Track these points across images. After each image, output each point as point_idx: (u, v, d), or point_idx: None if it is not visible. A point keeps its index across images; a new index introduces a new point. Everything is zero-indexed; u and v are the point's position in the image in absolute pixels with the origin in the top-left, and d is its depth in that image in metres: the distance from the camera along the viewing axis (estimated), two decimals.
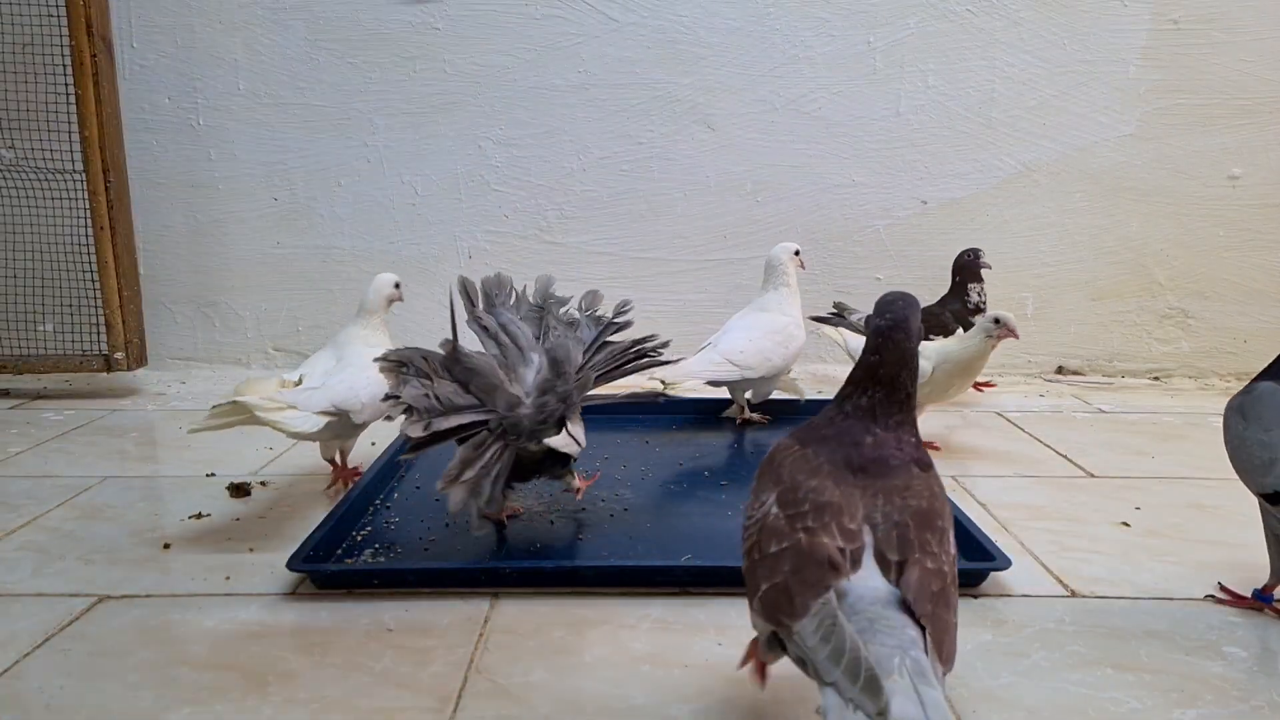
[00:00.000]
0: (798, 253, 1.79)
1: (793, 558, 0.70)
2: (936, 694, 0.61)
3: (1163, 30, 2.04)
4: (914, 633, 0.66)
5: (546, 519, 1.24)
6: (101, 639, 0.93)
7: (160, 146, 2.11)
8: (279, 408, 1.20)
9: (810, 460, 0.76)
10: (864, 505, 0.72)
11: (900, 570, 0.69)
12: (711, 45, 2.07)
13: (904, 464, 0.75)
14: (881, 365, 0.79)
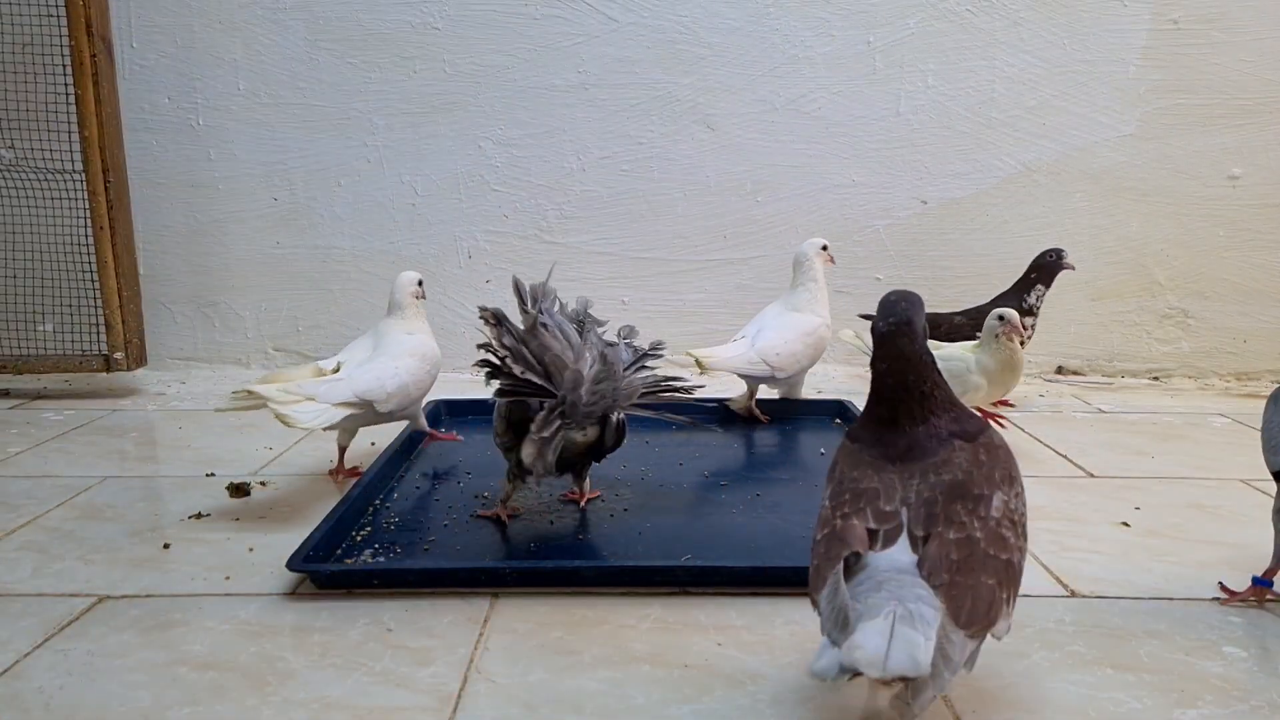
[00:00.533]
0: (825, 247, 1.81)
1: (827, 541, 0.76)
2: (914, 635, 0.65)
3: (1163, 30, 2.04)
4: (924, 590, 0.70)
5: (546, 519, 1.24)
6: (101, 639, 0.93)
7: (160, 146, 2.11)
8: (293, 400, 1.22)
9: (857, 454, 0.81)
10: (901, 488, 0.76)
11: (925, 543, 0.73)
12: (711, 45, 2.07)
13: (943, 442, 0.78)
14: (889, 374, 0.80)
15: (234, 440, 1.64)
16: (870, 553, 0.74)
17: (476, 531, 1.20)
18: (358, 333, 2.16)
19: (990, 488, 0.76)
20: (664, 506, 1.29)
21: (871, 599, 0.69)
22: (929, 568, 0.72)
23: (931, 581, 0.71)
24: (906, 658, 0.64)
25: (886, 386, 0.80)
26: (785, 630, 0.95)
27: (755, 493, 1.34)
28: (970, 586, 0.71)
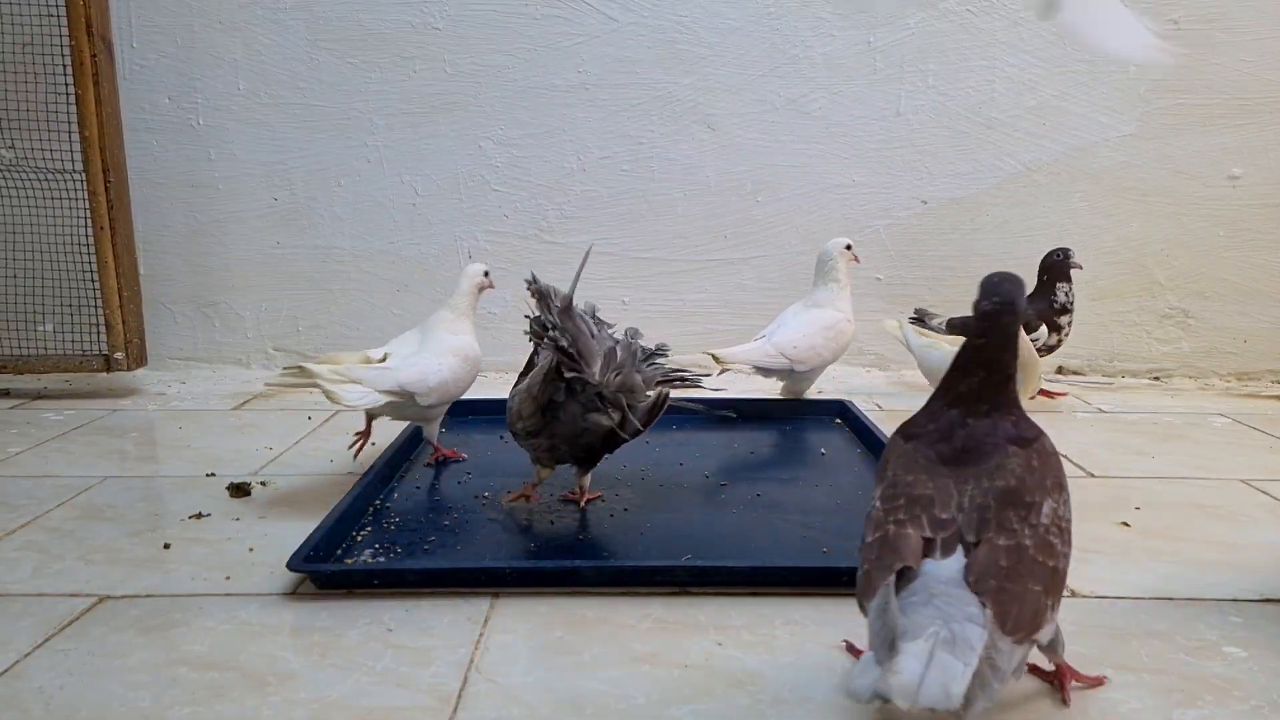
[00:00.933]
0: (849, 247, 1.84)
1: (879, 546, 0.77)
2: (953, 663, 0.66)
3: (1163, 30, 2.04)
4: (974, 609, 0.71)
5: (546, 519, 1.24)
6: (101, 639, 0.93)
7: (160, 146, 2.11)
8: (342, 380, 1.30)
9: (910, 455, 0.81)
10: (956, 493, 0.77)
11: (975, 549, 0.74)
12: (711, 45, 2.07)
13: (998, 447, 0.79)
14: (986, 348, 0.81)
15: (234, 440, 1.64)
16: (926, 560, 0.75)
17: (476, 531, 1.20)
18: (358, 332, 2.18)
19: (1041, 495, 0.77)
20: (664, 506, 1.29)
21: (918, 615, 0.70)
22: (976, 573, 0.73)
23: (978, 588, 0.72)
24: (940, 689, 0.65)
25: (980, 360, 0.81)
26: (785, 630, 0.95)
27: (755, 493, 1.34)
28: (1018, 594, 0.72)
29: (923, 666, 0.66)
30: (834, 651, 0.91)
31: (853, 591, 1.02)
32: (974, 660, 0.67)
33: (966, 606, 0.71)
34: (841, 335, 1.81)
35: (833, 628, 0.95)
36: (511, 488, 1.34)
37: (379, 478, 1.33)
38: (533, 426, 1.21)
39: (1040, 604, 0.73)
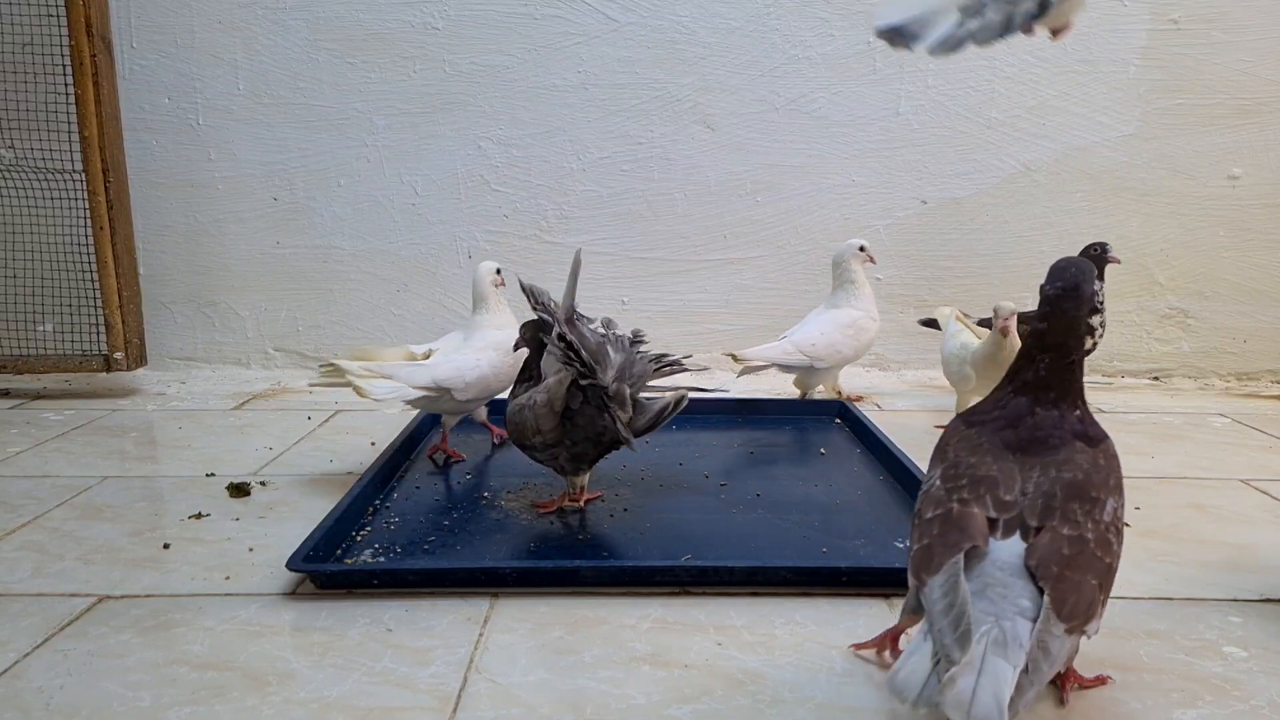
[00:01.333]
0: (863, 248, 1.87)
1: (941, 523, 0.78)
2: (1003, 667, 0.67)
3: (1163, 30, 2.04)
4: (1028, 601, 0.72)
5: (546, 519, 1.24)
6: (101, 639, 0.93)
7: (160, 146, 2.11)
8: (371, 376, 1.34)
9: (974, 440, 0.82)
10: (1020, 479, 0.78)
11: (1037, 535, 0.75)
12: (711, 45, 2.07)
13: (1066, 441, 0.80)
14: (1048, 333, 0.81)
15: (234, 440, 1.64)
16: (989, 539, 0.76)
17: (476, 531, 1.20)
18: (358, 332, 2.18)
19: (1105, 493, 0.78)
20: (664, 506, 1.29)
21: (973, 609, 0.71)
22: (1038, 558, 0.74)
23: (1039, 573, 0.73)
24: (992, 702, 0.65)
25: (1044, 345, 0.81)
26: (785, 630, 0.95)
27: (755, 493, 1.34)
28: (1076, 583, 0.73)
29: (975, 676, 0.67)
30: (834, 651, 0.91)
31: (853, 591, 1.03)
32: (1022, 659, 0.68)
33: (1020, 599, 0.72)
34: (863, 332, 1.85)
35: (833, 628, 0.95)
36: (511, 488, 1.35)
37: (379, 478, 1.33)
38: (553, 438, 1.21)
39: (1094, 597, 0.73)
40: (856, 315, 1.85)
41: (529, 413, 1.21)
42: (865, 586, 1.04)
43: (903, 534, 1.19)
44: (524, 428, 1.22)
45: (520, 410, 1.23)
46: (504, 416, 1.29)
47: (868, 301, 1.87)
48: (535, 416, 1.20)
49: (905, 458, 1.40)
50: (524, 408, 1.22)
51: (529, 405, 1.22)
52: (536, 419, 1.20)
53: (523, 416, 1.22)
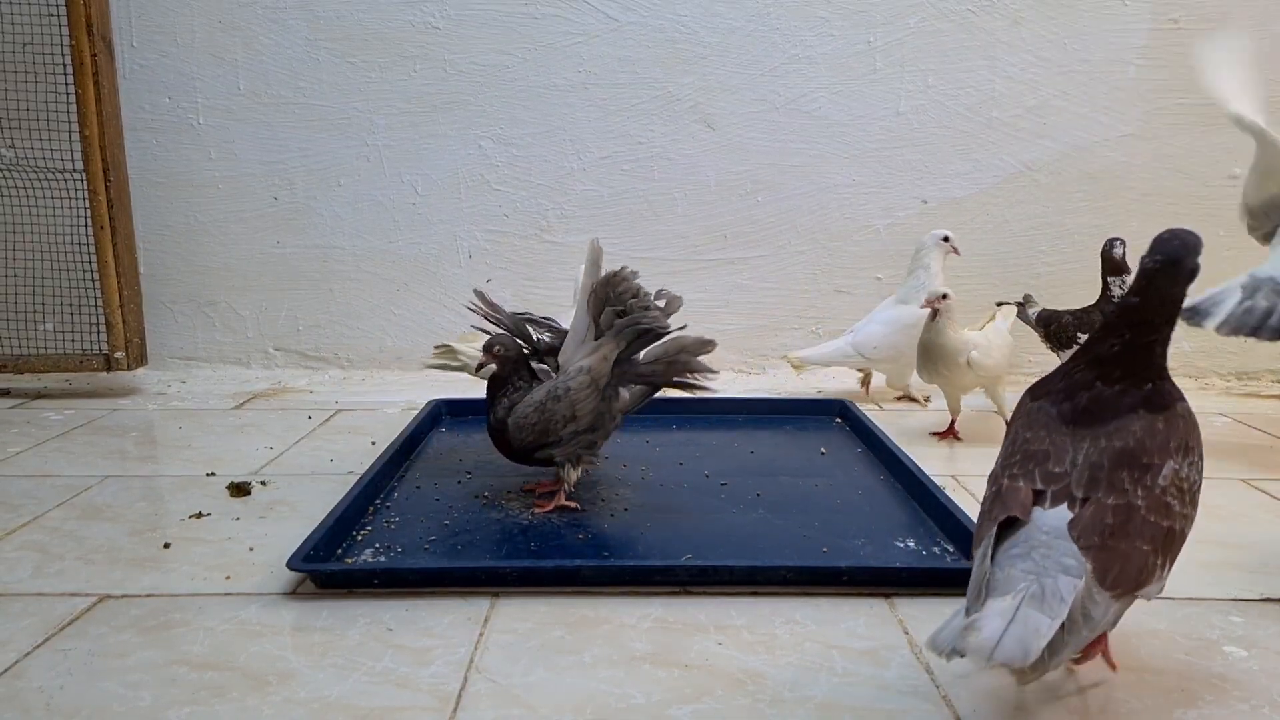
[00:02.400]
0: (947, 238, 1.87)
1: (992, 499, 0.80)
2: (1038, 618, 0.69)
3: (1163, 30, 2.04)
4: (1072, 560, 0.72)
5: (546, 519, 1.24)
6: (101, 639, 0.93)
7: (160, 146, 2.11)
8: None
9: (1034, 414, 0.82)
10: (1072, 450, 0.78)
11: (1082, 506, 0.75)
12: (711, 45, 2.07)
13: (1123, 411, 0.78)
14: (1139, 308, 0.79)
15: (234, 440, 1.64)
16: (1035, 509, 0.77)
17: (476, 531, 1.20)
18: (357, 332, 2.18)
19: (1162, 457, 0.77)
20: (664, 506, 1.29)
21: (1013, 568, 0.73)
22: (1080, 530, 0.74)
23: (1081, 544, 0.73)
24: (1018, 646, 0.67)
25: (1124, 322, 0.80)
26: (785, 630, 0.95)
27: (755, 493, 1.34)
28: (1123, 552, 0.73)
29: (1005, 624, 0.68)
30: (834, 651, 0.91)
31: (853, 591, 1.03)
32: (1062, 612, 0.69)
33: (1064, 558, 0.73)
34: None
35: (833, 627, 0.95)
36: (511, 488, 1.35)
37: (379, 478, 1.33)
38: (586, 423, 1.24)
39: (1147, 563, 0.74)
40: (921, 314, 1.83)
41: (559, 403, 1.22)
42: (865, 586, 1.04)
43: (903, 534, 1.19)
44: (552, 420, 1.22)
45: (540, 407, 1.22)
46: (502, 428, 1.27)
47: None
48: (572, 402, 1.22)
49: (905, 457, 1.40)
50: (546, 401, 1.22)
51: (555, 396, 1.22)
52: (573, 404, 1.22)
53: (550, 409, 1.22)
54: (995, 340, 1.64)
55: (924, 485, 1.29)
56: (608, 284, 1.28)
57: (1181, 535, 0.78)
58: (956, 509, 1.18)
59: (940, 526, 1.20)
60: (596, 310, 1.28)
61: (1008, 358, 1.66)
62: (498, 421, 1.26)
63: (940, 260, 1.87)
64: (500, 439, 1.27)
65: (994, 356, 1.61)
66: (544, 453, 1.25)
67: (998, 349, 1.63)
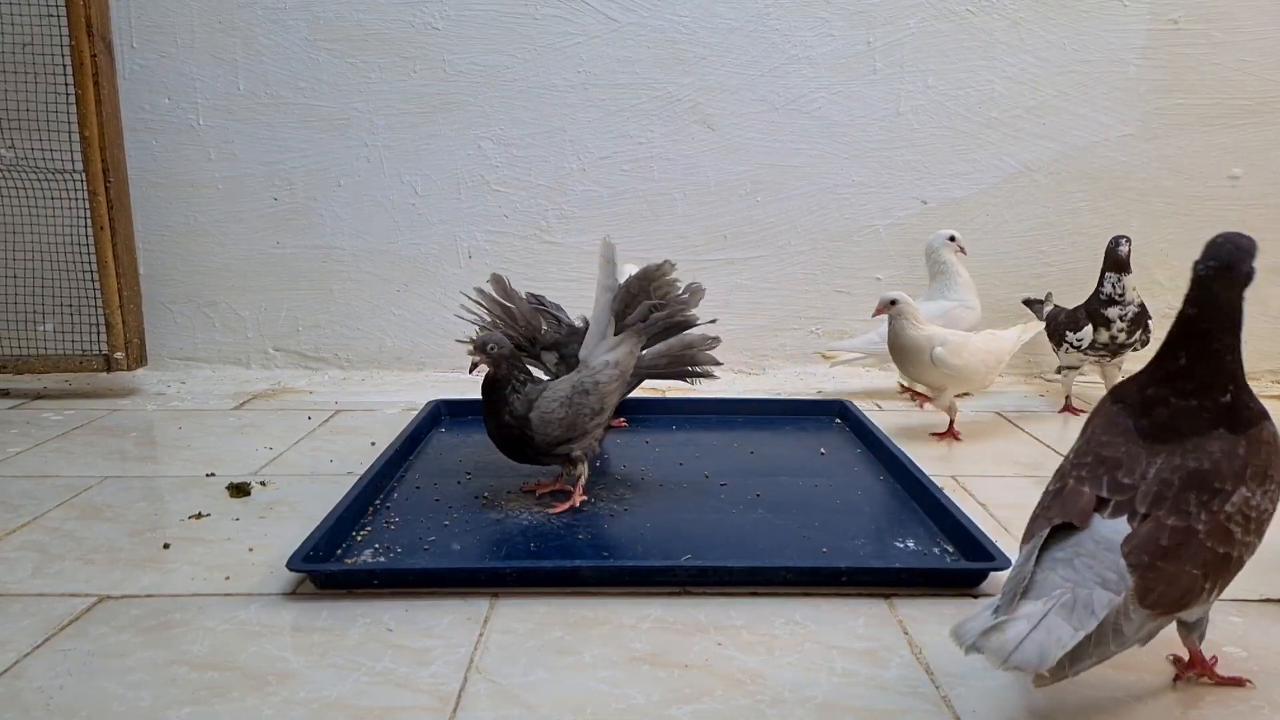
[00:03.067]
0: (953, 238, 1.90)
1: (1054, 496, 0.80)
2: (1062, 628, 0.69)
3: (1163, 30, 2.04)
4: (1114, 575, 0.72)
5: (547, 519, 1.24)
6: (101, 639, 0.93)
7: (160, 146, 2.10)
8: None
9: (1114, 418, 0.81)
10: (1146, 463, 0.76)
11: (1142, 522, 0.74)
12: (711, 45, 2.07)
13: (1202, 428, 0.76)
14: (1197, 319, 0.77)
15: (234, 440, 1.64)
16: (1095, 516, 0.75)
17: (476, 531, 1.20)
18: (357, 332, 2.18)
19: (1236, 483, 0.75)
20: (664, 506, 1.29)
21: (1053, 574, 0.72)
22: (1132, 547, 0.73)
23: (1130, 560, 0.72)
24: (1035, 652, 0.67)
25: (1185, 335, 0.78)
26: (785, 630, 0.95)
27: (755, 493, 1.34)
28: (1170, 574, 0.72)
29: (1029, 628, 0.68)
30: (834, 651, 0.91)
31: (853, 591, 1.03)
32: (1090, 625, 0.69)
33: (1106, 570, 0.72)
34: (957, 321, 1.85)
35: (833, 628, 0.95)
36: (511, 488, 1.35)
37: (379, 478, 1.33)
38: (610, 416, 1.28)
39: (1194, 586, 0.72)
40: (949, 305, 1.87)
41: (588, 396, 1.24)
42: (865, 586, 1.04)
43: (903, 534, 1.19)
44: (580, 413, 1.24)
45: (567, 402, 1.23)
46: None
47: (963, 290, 1.90)
48: (601, 395, 1.24)
49: (905, 458, 1.40)
50: (573, 396, 1.24)
51: (583, 390, 1.24)
52: (603, 397, 1.25)
53: (578, 403, 1.24)
54: (972, 342, 1.63)
55: (924, 485, 1.29)
56: (646, 277, 1.28)
57: (1239, 562, 0.76)
58: (956, 509, 1.18)
59: (940, 526, 1.20)
60: (623, 304, 1.28)
61: (985, 362, 1.63)
62: (516, 419, 1.23)
63: (954, 259, 1.90)
64: (516, 438, 1.25)
65: (963, 356, 1.60)
66: (565, 447, 1.25)
67: (970, 350, 1.61)
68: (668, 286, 1.30)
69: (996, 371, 1.69)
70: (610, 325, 1.29)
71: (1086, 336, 1.78)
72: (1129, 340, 1.78)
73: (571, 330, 1.45)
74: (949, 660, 0.89)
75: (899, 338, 1.62)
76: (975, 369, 1.62)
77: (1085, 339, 1.79)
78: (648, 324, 1.28)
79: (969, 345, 1.62)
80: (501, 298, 1.44)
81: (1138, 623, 0.71)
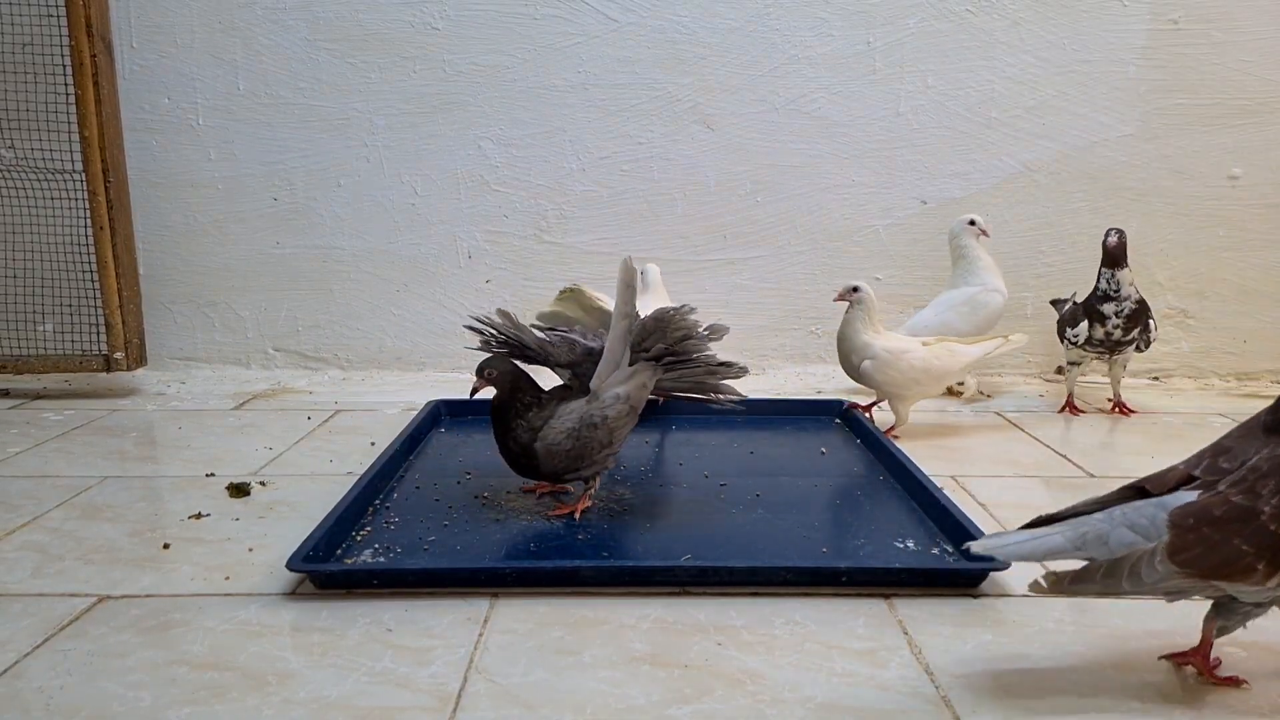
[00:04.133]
0: (973, 222, 1.90)
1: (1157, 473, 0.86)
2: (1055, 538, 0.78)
3: (1163, 30, 2.04)
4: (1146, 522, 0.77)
5: (547, 519, 1.24)
6: (101, 639, 0.93)
7: (160, 146, 2.10)
8: None
9: (1255, 418, 0.85)
10: (1253, 454, 0.80)
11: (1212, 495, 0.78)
12: (711, 45, 2.07)
13: None
14: None
15: (234, 440, 1.64)
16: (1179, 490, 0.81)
17: (476, 531, 1.20)
18: (357, 332, 2.18)
19: None
20: (664, 506, 1.29)
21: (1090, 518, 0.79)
22: (1181, 508, 0.77)
23: (1172, 517, 0.76)
24: (1018, 549, 0.79)
25: None
26: (785, 630, 0.95)
27: (755, 493, 1.34)
28: (1211, 540, 0.75)
29: (1030, 538, 0.77)
30: (834, 651, 0.91)
31: (853, 591, 1.03)
32: (1097, 552, 0.75)
33: (1139, 519, 0.77)
34: (982, 307, 1.87)
35: (833, 628, 0.95)
36: (511, 488, 1.35)
37: (379, 478, 1.33)
38: (619, 448, 1.26)
39: (1240, 561, 0.75)
40: (972, 291, 1.87)
41: (597, 430, 1.20)
42: (865, 586, 1.04)
43: (903, 534, 1.19)
44: (588, 447, 1.20)
45: (573, 434, 1.19)
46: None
47: (987, 274, 1.90)
48: (610, 429, 1.21)
49: (905, 458, 1.40)
50: (580, 429, 1.19)
51: (591, 423, 1.20)
52: (611, 431, 1.21)
53: (586, 436, 1.20)
54: (907, 358, 1.59)
55: (924, 485, 1.29)
56: (662, 320, 1.24)
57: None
58: (956, 509, 1.18)
59: (940, 526, 1.20)
60: (639, 337, 1.24)
61: (917, 380, 1.61)
62: (521, 446, 1.21)
63: (976, 242, 1.91)
64: (525, 463, 1.23)
65: (887, 373, 1.59)
66: (574, 475, 1.24)
67: (900, 368, 1.59)
68: (687, 331, 1.25)
69: (938, 388, 1.66)
70: (625, 355, 1.24)
71: (1082, 333, 1.80)
72: (1126, 337, 1.78)
73: (587, 352, 1.37)
74: (949, 660, 0.89)
75: (847, 328, 1.63)
76: (904, 385, 1.61)
77: (1081, 335, 1.80)
78: (661, 363, 1.25)
79: (899, 363, 1.59)
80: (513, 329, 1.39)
81: (1162, 574, 0.74)
